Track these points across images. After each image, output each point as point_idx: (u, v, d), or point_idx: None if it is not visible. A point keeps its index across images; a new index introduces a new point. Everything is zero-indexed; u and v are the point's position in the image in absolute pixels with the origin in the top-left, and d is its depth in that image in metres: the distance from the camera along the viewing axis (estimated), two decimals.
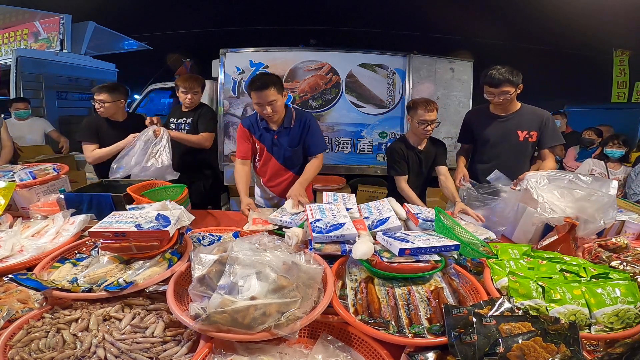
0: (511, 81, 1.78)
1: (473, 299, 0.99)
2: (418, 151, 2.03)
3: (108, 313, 0.88)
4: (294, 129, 1.87)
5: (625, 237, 1.31)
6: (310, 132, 1.90)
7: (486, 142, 2.00)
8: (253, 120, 1.92)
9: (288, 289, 0.83)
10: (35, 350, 0.79)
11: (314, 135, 1.90)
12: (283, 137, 1.89)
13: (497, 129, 1.96)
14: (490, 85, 1.82)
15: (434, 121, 1.90)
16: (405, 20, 8.24)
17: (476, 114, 2.12)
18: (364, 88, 3.86)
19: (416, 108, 1.90)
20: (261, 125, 1.89)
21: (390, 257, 1.04)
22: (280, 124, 1.87)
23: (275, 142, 1.90)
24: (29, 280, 0.91)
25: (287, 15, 8.39)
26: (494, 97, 1.84)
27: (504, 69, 1.79)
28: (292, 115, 1.88)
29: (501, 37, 7.45)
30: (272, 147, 1.92)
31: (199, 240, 1.31)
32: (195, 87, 2.27)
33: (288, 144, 1.89)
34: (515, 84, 1.79)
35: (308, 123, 1.89)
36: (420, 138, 2.01)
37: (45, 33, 5.62)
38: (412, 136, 2.03)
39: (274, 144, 1.91)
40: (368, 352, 0.84)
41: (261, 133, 1.91)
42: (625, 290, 0.91)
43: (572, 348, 0.72)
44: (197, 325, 0.77)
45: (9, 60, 4.91)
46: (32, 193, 1.63)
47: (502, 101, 1.84)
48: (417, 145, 2.03)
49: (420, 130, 1.93)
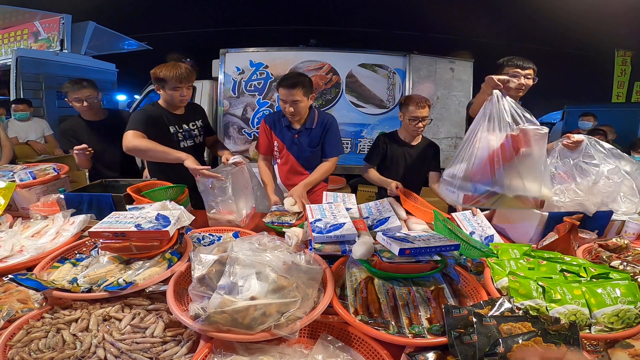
0: (534, 68, 1.74)
1: (473, 299, 0.99)
2: (408, 146, 2.03)
3: (108, 313, 0.88)
4: (315, 129, 1.90)
5: (625, 237, 1.31)
6: (328, 134, 1.91)
7: None
8: (276, 118, 1.95)
9: (288, 289, 0.83)
10: (35, 351, 0.79)
11: (331, 137, 1.92)
12: (304, 137, 1.92)
13: None
14: (517, 66, 1.73)
15: (425, 118, 1.90)
16: (405, 20, 8.24)
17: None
18: (364, 88, 3.86)
19: (408, 104, 1.91)
20: (283, 123, 1.93)
21: (391, 257, 1.04)
22: (302, 123, 1.90)
23: (295, 141, 1.93)
24: (29, 281, 0.91)
25: (287, 15, 8.38)
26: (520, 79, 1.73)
27: None
28: (315, 116, 1.91)
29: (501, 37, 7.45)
30: (292, 146, 1.95)
31: (199, 240, 1.31)
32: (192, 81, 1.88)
33: (308, 144, 1.92)
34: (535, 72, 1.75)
35: (328, 124, 1.91)
36: (412, 135, 2.01)
37: (45, 33, 5.61)
38: (403, 132, 2.04)
39: (294, 143, 1.93)
40: (368, 352, 0.84)
41: (283, 131, 1.94)
42: (626, 290, 0.91)
43: (572, 348, 0.72)
44: (197, 326, 0.77)
45: (9, 60, 4.90)
46: (32, 193, 1.63)
47: (525, 85, 1.74)
48: (410, 141, 2.03)
49: (412, 127, 1.93)
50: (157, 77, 1.76)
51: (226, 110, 4.04)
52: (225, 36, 8.16)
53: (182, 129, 1.91)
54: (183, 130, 1.91)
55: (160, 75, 1.75)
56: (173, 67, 1.75)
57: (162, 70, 1.75)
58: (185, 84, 1.78)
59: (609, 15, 5.72)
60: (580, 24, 6.00)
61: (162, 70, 1.74)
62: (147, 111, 1.83)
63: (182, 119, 1.92)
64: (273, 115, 1.99)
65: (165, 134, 1.82)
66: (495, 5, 6.90)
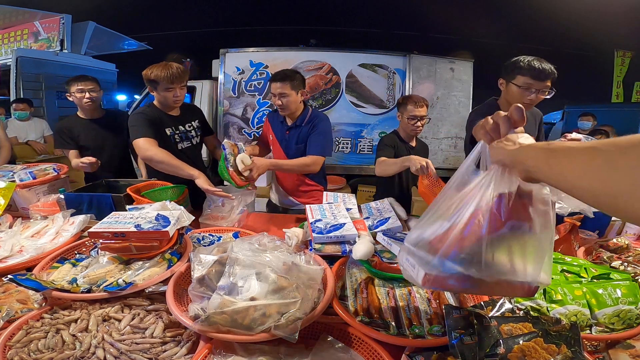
0: (554, 78, 1.48)
1: (474, 299, 0.98)
2: (410, 147, 2.04)
3: (107, 313, 0.88)
4: (304, 127, 1.90)
5: (626, 238, 1.31)
6: (314, 132, 1.87)
7: None
8: (276, 113, 2.00)
9: (288, 290, 0.83)
10: (34, 351, 0.78)
11: (316, 136, 1.86)
12: (293, 134, 1.93)
13: None
14: (533, 77, 1.47)
15: (424, 117, 1.90)
16: (405, 20, 8.24)
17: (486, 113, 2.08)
18: (364, 88, 3.86)
19: (406, 104, 1.91)
20: (279, 119, 1.98)
21: (391, 257, 1.04)
22: (294, 120, 1.92)
23: (285, 137, 1.97)
24: (29, 281, 0.90)
25: (287, 15, 8.38)
26: (531, 93, 1.50)
27: (544, 60, 1.49)
28: (308, 114, 1.91)
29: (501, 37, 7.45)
30: (282, 141, 1.99)
31: (198, 241, 1.31)
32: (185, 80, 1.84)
33: (295, 141, 1.93)
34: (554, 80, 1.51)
35: (316, 122, 1.88)
36: (410, 135, 2.01)
37: (45, 33, 5.61)
38: (402, 132, 2.04)
39: (285, 138, 1.97)
40: (368, 353, 0.83)
41: (278, 126, 2.00)
42: (627, 290, 0.90)
43: (573, 349, 0.72)
44: (197, 326, 0.76)
45: (9, 60, 4.91)
46: (32, 193, 1.63)
47: (538, 100, 1.51)
48: (409, 142, 2.04)
49: (410, 127, 1.92)
50: (148, 78, 1.72)
51: (226, 110, 4.04)
52: (225, 36, 8.17)
53: (178, 130, 1.88)
54: (180, 132, 1.88)
55: (152, 77, 1.70)
56: (164, 68, 1.70)
57: (153, 71, 1.70)
58: (177, 84, 1.73)
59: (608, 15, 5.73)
60: (580, 24, 6.00)
61: (153, 71, 1.70)
62: (146, 114, 1.79)
63: (178, 120, 1.88)
64: (275, 111, 2.05)
65: (162, 136, 1.80)
66: (495, 5, 6.91)
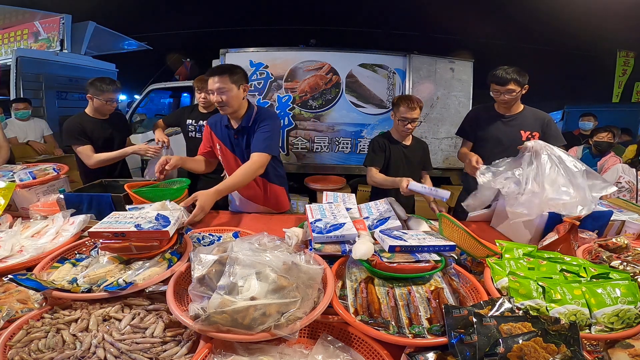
0: (517, 80, 1.84)
1: (473, 299, 0.99)
2: (403, 146, 2.04)
3: (108, 313, 0.88)
4: (251, 128, 1.71)
5: (625, 237, 1.31)
6: (258, 130, 1.67)
7: (489, 140, 2.02)
8: (217, 119, 1.82)
9: (288, 289, 0.83)
10: (34, 351, 0.79)
11: (259, 133, 1.67)
12: (241, 137, 1.74)
13: (501, 128, 1.99)
14: (497, 83, 1.88)
15: (415, 120, 1.90)
16: (405, 20, 8.25)
17: (481, 111, 2.14)
18: (364, 88, 3.86)
19: (399, 105, 1.91)
20: (223, 123, 1.78)
21: (390, 257, 1.04)
22: (239, 121, 1.72)
23: (234, 142, 1.77)
24: (29, 281, 0.91)
25: (287, 15, 8.39)
26: (500, 94, 1.90)
27: (511, 68, 1.86)
28: (253, 113, 1.72)
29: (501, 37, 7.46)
30: (234, 148, 1.79)
31: (198, 240, 1.31)
32: None
33: (245, 144, 1.73)
34: (521, 84, 1.85)
35: (261, 119, 1.70)
36: (402, 135, 2.02)
37: (45, 33, 5.61)
38: (395, 132, 2.05)
39: (234, 143, 1.78)
40: (368, 353, 0.84)
41: (223, 131, 1.78)
42: (626, 290, 0.90)
43: (572, 348, 0.72)
44: (197, 326, 0.76)
45: (9, 60, 4.89)
46: (32, 193, 1.63)
47: (507, 99, 1.89)
48: (402, 141, 2.04)
49: (401, 128, 1.94)
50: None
51: None
52: (225, 36, 8.17)
53: None
54: None
55: None
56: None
57: None
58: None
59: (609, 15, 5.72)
60: (581, 24, 5.99)
61: None
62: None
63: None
64: (215, 117, 1.83)
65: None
66: (495, 5, 6.91)
